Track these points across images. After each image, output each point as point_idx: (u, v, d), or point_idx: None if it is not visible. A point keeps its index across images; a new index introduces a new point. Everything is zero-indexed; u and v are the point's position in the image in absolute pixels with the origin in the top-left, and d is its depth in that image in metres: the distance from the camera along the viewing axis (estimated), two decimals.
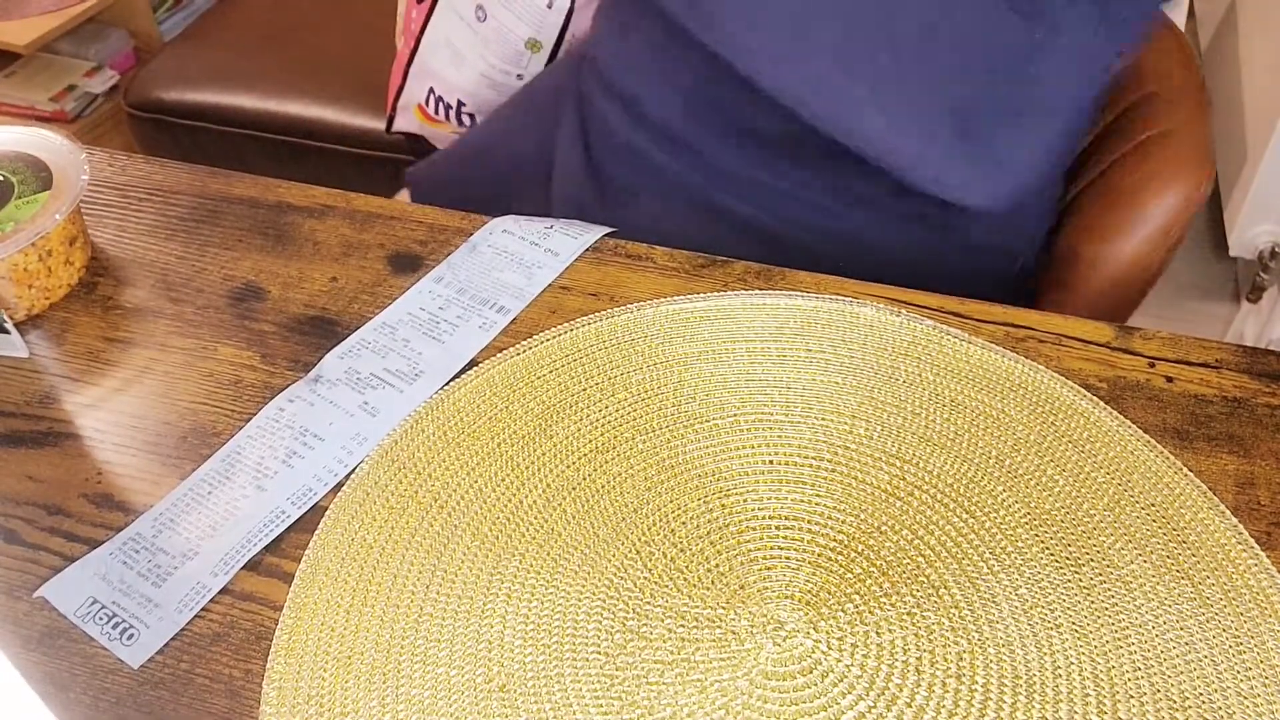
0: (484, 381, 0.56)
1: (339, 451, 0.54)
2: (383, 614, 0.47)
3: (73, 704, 0.45)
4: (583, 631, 0.46)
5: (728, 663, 0.45)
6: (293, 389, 0.57)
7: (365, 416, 0.56)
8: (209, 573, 0.49)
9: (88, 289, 0.64)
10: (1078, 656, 0.45)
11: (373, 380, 0.57)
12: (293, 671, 0.45)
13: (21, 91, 1.97)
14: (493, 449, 0.53)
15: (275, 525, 0.51)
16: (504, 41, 1.18)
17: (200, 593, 0.49)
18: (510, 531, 0.50)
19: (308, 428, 0.55)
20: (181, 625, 0.48)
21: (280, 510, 0.52)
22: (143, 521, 0.51)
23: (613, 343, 0.58)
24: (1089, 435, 0.53)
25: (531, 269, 0.63)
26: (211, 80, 1.40)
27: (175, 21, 2.18)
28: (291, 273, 0.64)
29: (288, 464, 0.53)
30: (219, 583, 0.49)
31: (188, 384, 0.58)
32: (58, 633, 0.48)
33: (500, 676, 0.45)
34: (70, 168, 0.64)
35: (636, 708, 0.44)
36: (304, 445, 0.54)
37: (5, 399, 0.58)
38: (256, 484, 0.53)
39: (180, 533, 0.51)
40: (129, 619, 0.48)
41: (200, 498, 0.52)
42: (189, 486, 0.53)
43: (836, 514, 0.50)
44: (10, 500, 0.53)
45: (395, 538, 0.50)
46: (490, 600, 0.47)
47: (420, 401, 0.56)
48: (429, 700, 0.44)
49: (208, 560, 0.50)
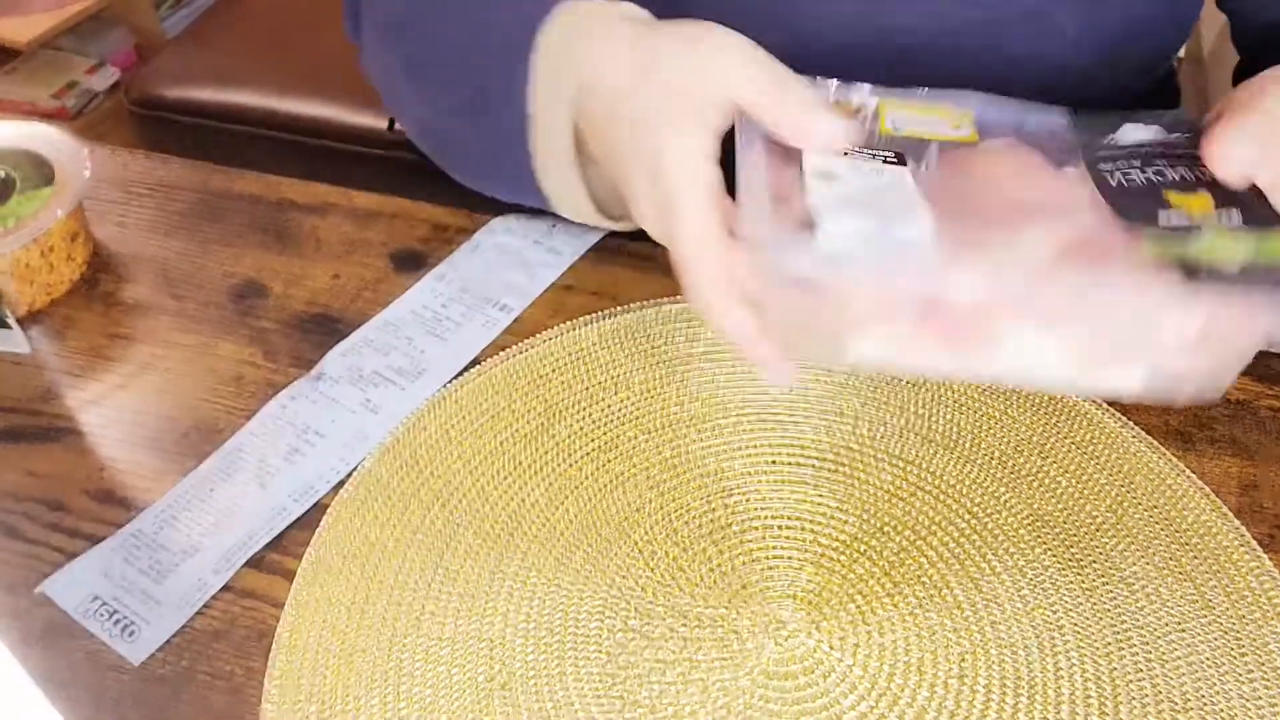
0: (487, 380, 0.56)
1: (341, 449, 0.54)
2: (384, 612, 0.47)
3: (74, 700, 0.45)
4: (585, 630, 0.46)
5: (729, 662, 0.45)
6: (294, 386, 0.57)
7: (367, 414, 0.55)
8: (210, 570, 0.49)
9: (89, 285, 0.64)
10: (1080, 658, 0.45)
11: (375, 378, 0.57)
12: (294, 669, 0.45)
13: (23, 88, 1.97)
14: (495, 447, 0.53)
15: (277, 522, 0.51)
16: None
17: (202, 589, 0.49)
18: (512, 530, 0.50)
19: (310, 425, 0.55)
20: (183, 622, 0.48)
21: (282, 507, 0.51)
22: (144, 518, 0.51)
23: (615, 342, 0.58)
24: (1092, 437, 0.52)
25: (534, 268, 0.63)
26: (214, 78, 1.40)
27: (177, 19, 2.18)
28: (293, 270, 0.64)
29: (289, 461, 0.53)
30: (220, 580, 0.49)
31: (189, 380, 0.58)
32: (59, 629, 0.47)
33: (502, 675, 0.45)
34: (72, 164, 0.64)
35: (638, 706, 0.43)
36: (306, 443, 0.54)
37: (7, 394, 0.58)
38: (258, 481, 0.53)
39: (181, 529, 0.51)
40: (130, 615, 0.48)
41: (202, 495, 0.52)
42: (190, 483, 0.53)
43: (839, 514, 0.50)
44: (11, 496, 0.53)
45: (397, 535, 0.50)
46: (492, 599, 0.47)
47: (423, 399, 0.56)
48: (431, 698, 0.44)
49: (209, 557, 0.50)
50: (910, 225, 0.40)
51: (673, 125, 0.43)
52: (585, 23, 0.48)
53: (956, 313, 0.39)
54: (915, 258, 0.39)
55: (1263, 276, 0.37)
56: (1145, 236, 0.39)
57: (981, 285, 0.38)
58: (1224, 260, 0.38)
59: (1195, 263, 0.38)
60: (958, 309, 0.39)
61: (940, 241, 0.39)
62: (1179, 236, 0.39)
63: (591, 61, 0.46)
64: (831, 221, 0.39)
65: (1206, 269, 0.38)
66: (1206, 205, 0.41)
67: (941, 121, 0.46)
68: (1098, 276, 0.39)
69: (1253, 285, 0.37)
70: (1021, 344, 0.40)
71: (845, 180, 0.41)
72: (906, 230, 0.39)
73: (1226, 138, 0.41)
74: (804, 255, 0.39)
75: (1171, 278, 0.38)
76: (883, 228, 0.39)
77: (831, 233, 0.39)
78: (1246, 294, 0.37)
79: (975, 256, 0.39)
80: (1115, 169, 0.43)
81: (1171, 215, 0.40)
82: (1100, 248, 0.40)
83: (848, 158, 0.43)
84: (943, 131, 0.45)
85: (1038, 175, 0.44)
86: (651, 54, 0.45)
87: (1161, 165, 0.43)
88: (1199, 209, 0.40)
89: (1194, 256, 0.38)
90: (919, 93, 0.46)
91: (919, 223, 0.40)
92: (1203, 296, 0.37)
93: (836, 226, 0.39)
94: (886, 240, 0.39)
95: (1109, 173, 0.43)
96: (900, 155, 0.43)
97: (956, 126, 0.46)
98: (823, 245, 0.39)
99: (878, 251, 0.39)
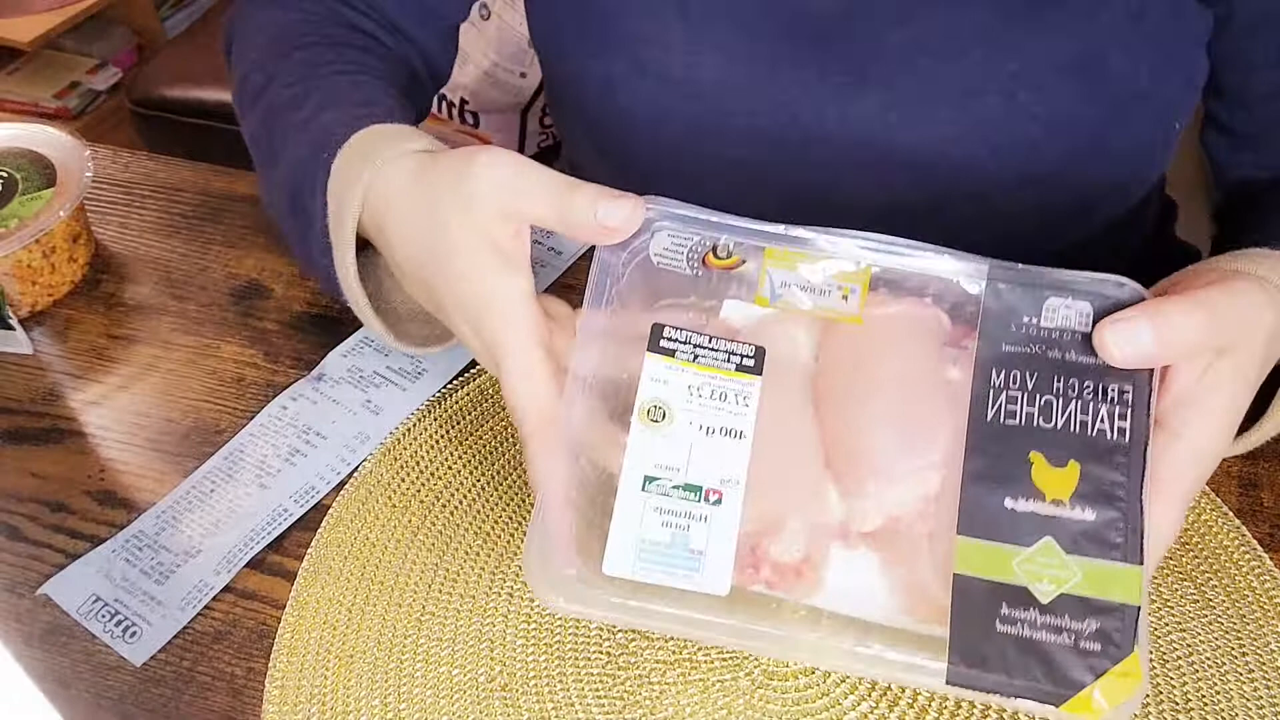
0: (487, 380, 0.56)
1: (341, 450, 0.54)
2: (385, 613, 0.47)
3: (75, 701, 0.45)
4: (585, 631, 0.46)
5: (729, 663, 0.45)
6: (295, 387, 0.57)
7: (368, 415, 0.55)
8: (212, 570, 0.49)
9: (91, 286, 0.64)
10: None
11: (375, 378, 0.57)
12: (295, 670, 0.45)
13: (25, 88, 1.98)
14: (495, 447, 0.53)
15: (278, 523, 0.51)
16: (507, 40, 1.18)
17: (203, 590, 0.49)
18: (513, 530, 0.50)
19: (310, 426, 0.55)
20: (184, 623, 0.48)
21: (283, 508, 0.52)
22: (145, 519, 0.51)
23: None
24: None
25: (535, 267, 0.63)
26: (215, 77, 1.40)
27: (178, 19, 2.18)
28: (294, 271, 0.64)
29: (290, 462, 0.53)
30: (222, 580, 0.49)
31: (191, 381, 0.58)
32: (60, 630, 0.48)
33: (502, 676, 0.45)
34: (74, 164, 0.64)
35: (638, 707, 0.43)
36: (306, 444, 0.54)
37: (9, 395, 0.58)
38: (259, 482, 0.53)
39: (183, 530, 0.51)
40: (131, 616, 0.48)
41: (203, 495, 0.52)
42: (191, 484, 0.53)
43: None
44: (13, 497, 0.53)
45: (398, 536, 0.50)
46: (492, 599, 0.47)
47: (423, 400, 0.56)
48: (431, 699, 0.44)
49: (211, 558, 0.50)
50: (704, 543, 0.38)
51: (475, 274, 0.42)
52: (373, 149, 0.47)
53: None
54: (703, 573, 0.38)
55: (1071, 609, 0.36)
56: (965, 535, 0.37)
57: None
58: (1039, 585, 0.36)
59: (1003, 585, 0.36)
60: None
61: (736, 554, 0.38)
62: (999, 551, 0.37)
63: (379, 194, 0.46)
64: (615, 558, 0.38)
65: (1013, 596, 0.36)
66: (1067, 487, 0.37)
67: (831, 285, 0.42)
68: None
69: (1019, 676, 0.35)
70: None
71: (672, 431, 0.40)
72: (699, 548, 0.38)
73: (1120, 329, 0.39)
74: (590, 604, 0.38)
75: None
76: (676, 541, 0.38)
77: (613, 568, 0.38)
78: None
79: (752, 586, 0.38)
80: (1003, 385, 0.39)
81: (1019, 498, 0.37)
82: (910, 548, 0.39)
83: (694, 369, 0.41)
84: (827, 302, 0.42)
85: (910, 393, 0.41)
86: (429, 189, 0.44)
87: (1057, 388, 0.39)
88: (1056, 491, 0.37)
89: (1006, 578, 0.36)
90: (817, 238, 0.42)
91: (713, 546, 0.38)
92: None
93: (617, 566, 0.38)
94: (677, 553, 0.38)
95: (994, 389, 0.39)
96: (759, 354, 0.41)
97: (846, 295, 0.42)
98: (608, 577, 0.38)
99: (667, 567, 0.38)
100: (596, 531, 0.39)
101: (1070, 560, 0.36)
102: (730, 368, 0.41)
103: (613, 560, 0.38)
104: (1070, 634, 0.36)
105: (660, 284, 0.43)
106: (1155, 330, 0.38)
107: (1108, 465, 0.37)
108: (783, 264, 0.42)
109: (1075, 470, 0.38)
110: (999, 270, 0.41)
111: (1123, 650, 0.35)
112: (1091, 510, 0.37)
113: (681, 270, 0.43)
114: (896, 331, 0.42)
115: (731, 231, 0.43)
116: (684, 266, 0.43)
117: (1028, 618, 0.36)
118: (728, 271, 0.43)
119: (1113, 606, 0.36)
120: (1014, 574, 0.36)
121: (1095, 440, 0.38)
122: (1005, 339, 0.40)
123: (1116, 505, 0.37)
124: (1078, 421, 0.38)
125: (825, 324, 0.42)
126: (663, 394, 0.40)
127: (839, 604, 0.38)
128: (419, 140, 0.48)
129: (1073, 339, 0.39)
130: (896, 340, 0.42)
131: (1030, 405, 0.39)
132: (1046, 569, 0.36)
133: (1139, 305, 0.39)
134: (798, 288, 0.42)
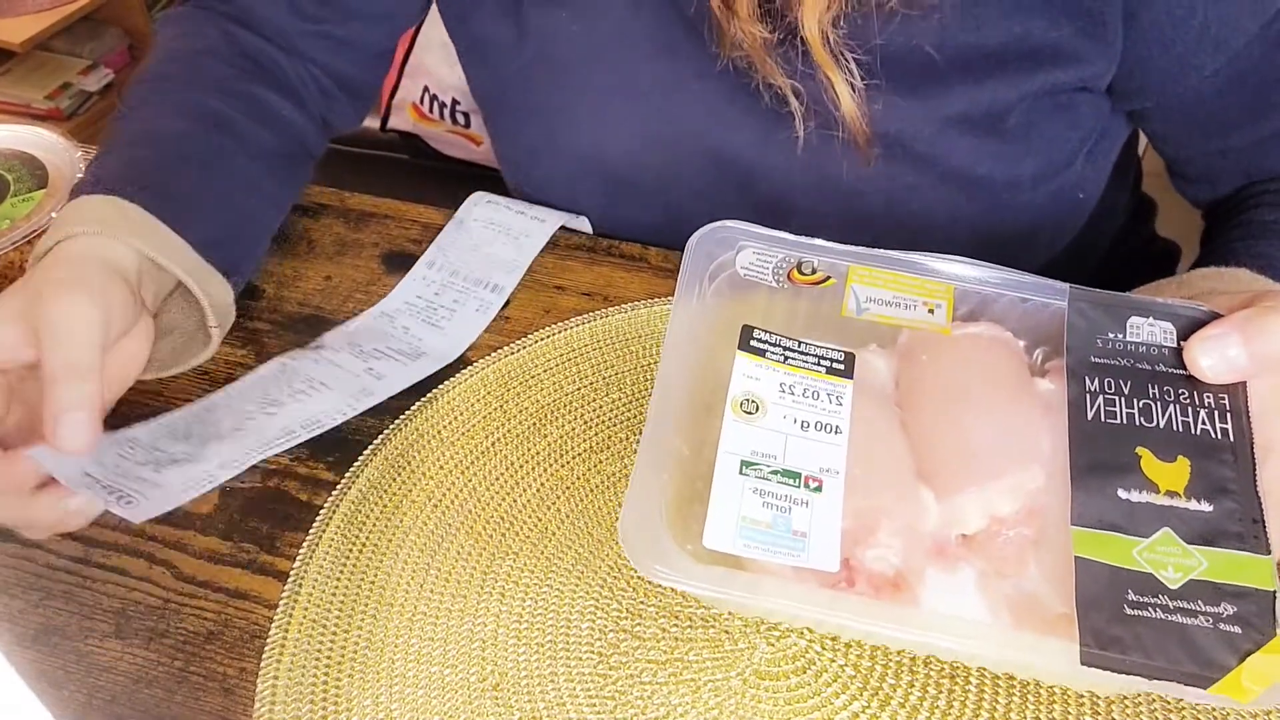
0: (478, 380, 0.56)
1: (346, 398, 0.54)
2: (376, 612, 0.47)
3: (67, 701, 0.45)
4: (576, 630, 0.46)
5: (721, 662, 0.45)
6: (293, 352, 0.57)
7: (370, 379, 0.55)
8: (217, 465, 0.49)
9: None
10: None
11: (375, 353, 0.57)
12: (286, 669, 0.45)
13: (16, 89, 1.97)
14: (487, 448, 0.53)
15: (285, 440, 0.51)
16: None
17: (207, 479, 0.48)
18: (504, 530, 0.50)
19: (314, 378, 0.55)
20: (184, 502, 0.47)
21: (290, 430, 0.51)
22: (138, 428, 0.50)
23: (606, 343, 0.58)
24: None
25: (519, 238, 0.64)
26: None
27: None
28: (286, 271, 0.64)
29: (296, 399, 0.53)
30: (227, 475, 0.49)
31: (182, 381, 0.58)
32: (53, 630, 0.48)
33: (494, 675, 0.45)
34: (66, 165, 0.64)
35: (630, 707, 0.44)
36: (311, 388, 0.54)
37: None
38: (264, 410, 0.52)
39: (181, 441, 0.50)
40: (128, 491, 0.46)
41: (204, 414, 0.52)
42: (189, 410, 0.52)
43: None
44: None
45: (389, 536, 0.50)
46: (484, 599, 0.47)
47: (422, 376, 0.56)
48: (422, 699, 0.44)
49: (215, 458, 0.49)
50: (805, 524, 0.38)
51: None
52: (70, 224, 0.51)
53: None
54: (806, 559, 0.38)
55: (1201, 596, 0.35)
56: (1080, 526, 0.37)
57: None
58: (1164, 573, 0.36)
59: (1127, 571, 0.36)
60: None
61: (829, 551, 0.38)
62: (1118, 539, 0.37)
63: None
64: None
65: (1138, 582, 0.36)
66: (1179, 480, 0.37)
67: (915, 300, 0.43)
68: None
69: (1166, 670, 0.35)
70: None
71: (765, 423, 0.40)
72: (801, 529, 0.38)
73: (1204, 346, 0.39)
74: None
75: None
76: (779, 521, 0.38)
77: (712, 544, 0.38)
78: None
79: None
80: (1099, 390, 0.40)
81: (1132, 489, 0.37)
82: (1015, 552, 0.39)
83: (784, 369, 0.41)
84: (914, 314, 0.43)
85: (1002, 398, 0.41)
86: (34, 289, 0.47)
87: (1153, 394, 0.39)
88: (1169, 484, 0.37)
89: (1128, 565, 0.36)
90: (896, 257, 0.44)
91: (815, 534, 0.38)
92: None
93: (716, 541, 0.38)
94: (780, 533, 0.38)
95: (1090, 394, 0.40)
96: (848, 359, 0.42)
97: (931, 309, 0.43)
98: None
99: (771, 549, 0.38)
100: (695, 509, 0.39)
101: (1193, 549, 0.36)
102: (821, 370, 0.42)
103: (713, 535, 0.38)
104: (1208, 617, 0.35)
105: (747, 294, 0.45)
106: (1246, 341, 0.39)
107: (1216, 461, 0.38)
108: (867, 281, 0.44)
109: (1185, 465, 0.38)
110: (1080, 292, 0.42)
111: (1265, 634, 0.35)
112: (1208, 503, 0.37)
113: (768, 283, 0.45)
114: (981, 346, 0.43)
115: (812, 251, 0.45)
116: (770, 279, 0.45)
117: (1159, 602, 0.36)
118: (813, 287, 0.44)
119: (1246, 591, 0.35)
120: (1136, 562, 0.36)
121: (1200, 438, 0.38)
122: (1093, 352, 0.41)
123: (1233, 498, 0.37)
124: (1180, 422, 0.39)
125: (903, 353, 0.43)
126: (755, 389, 0.41)
127: (940, 629, 0.38)
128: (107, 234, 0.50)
129: (1160, 353, 0.40)
130: (983, 353, 0.43)
131: (1129, 407, 0.39)
132: (1169, 557, 0.36)
133: (1221, 320, 0.40)
134: (883, 303, 0.44)
